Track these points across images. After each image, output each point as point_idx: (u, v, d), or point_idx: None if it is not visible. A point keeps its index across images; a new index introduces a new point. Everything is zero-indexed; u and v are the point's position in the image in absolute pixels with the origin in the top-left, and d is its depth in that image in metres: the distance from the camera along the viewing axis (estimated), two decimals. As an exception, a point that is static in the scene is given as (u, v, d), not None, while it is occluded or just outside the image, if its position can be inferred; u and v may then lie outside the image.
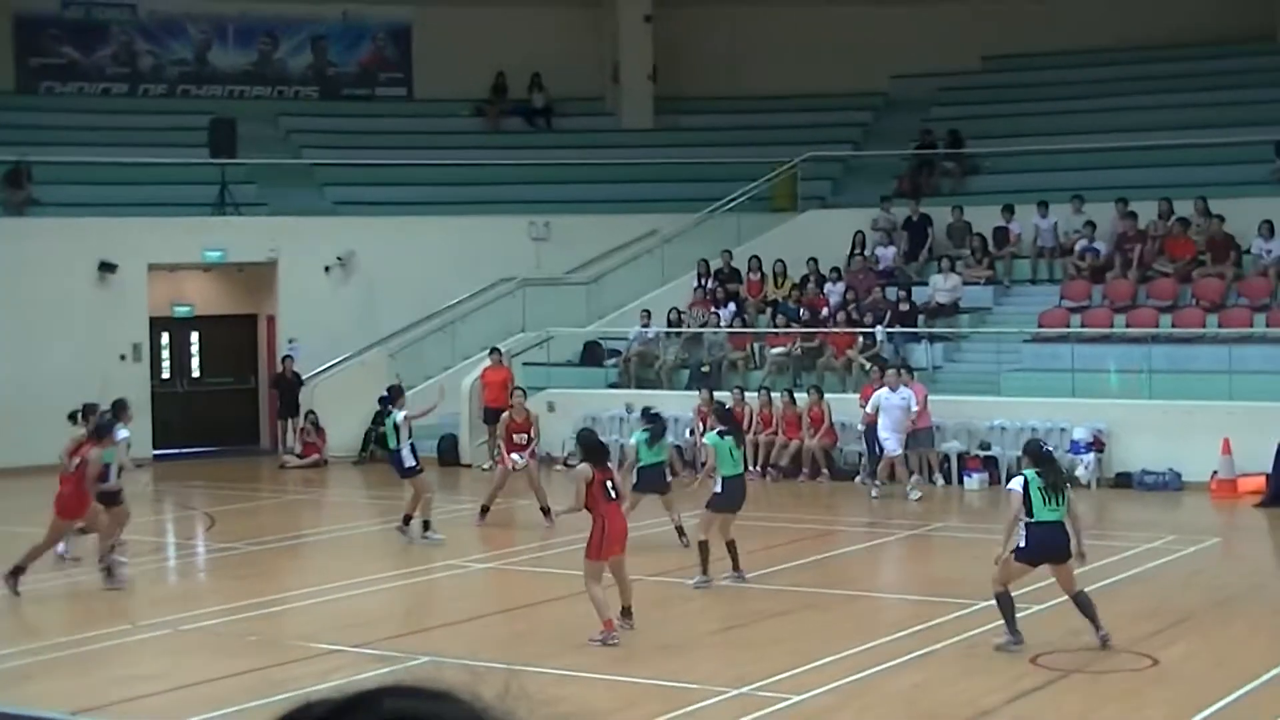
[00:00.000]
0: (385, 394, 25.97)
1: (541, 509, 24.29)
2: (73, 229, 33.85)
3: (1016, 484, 16.33)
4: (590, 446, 17.21)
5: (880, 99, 42.57)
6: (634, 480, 21.83)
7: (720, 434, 20.22)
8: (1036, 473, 16.06)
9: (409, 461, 23.61)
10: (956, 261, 34.44)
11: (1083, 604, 16.07)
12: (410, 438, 23.83)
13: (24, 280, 33.01)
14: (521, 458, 24.97)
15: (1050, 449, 16.16)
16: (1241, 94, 37.12)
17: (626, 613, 16.92)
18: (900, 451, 27.97)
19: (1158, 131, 35.55)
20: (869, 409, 28.30)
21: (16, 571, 19.20)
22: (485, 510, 25.13)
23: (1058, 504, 15.85)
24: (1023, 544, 16.20)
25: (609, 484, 16.79)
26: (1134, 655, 15.73)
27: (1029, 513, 15.98)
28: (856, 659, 15.67)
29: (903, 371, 29.43)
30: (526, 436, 25.24)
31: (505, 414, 25.92)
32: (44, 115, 38.17)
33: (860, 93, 42.05)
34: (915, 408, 28.02)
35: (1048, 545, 15.95)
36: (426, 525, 23.38)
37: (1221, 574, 21.27)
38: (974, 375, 31.43)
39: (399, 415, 23.84)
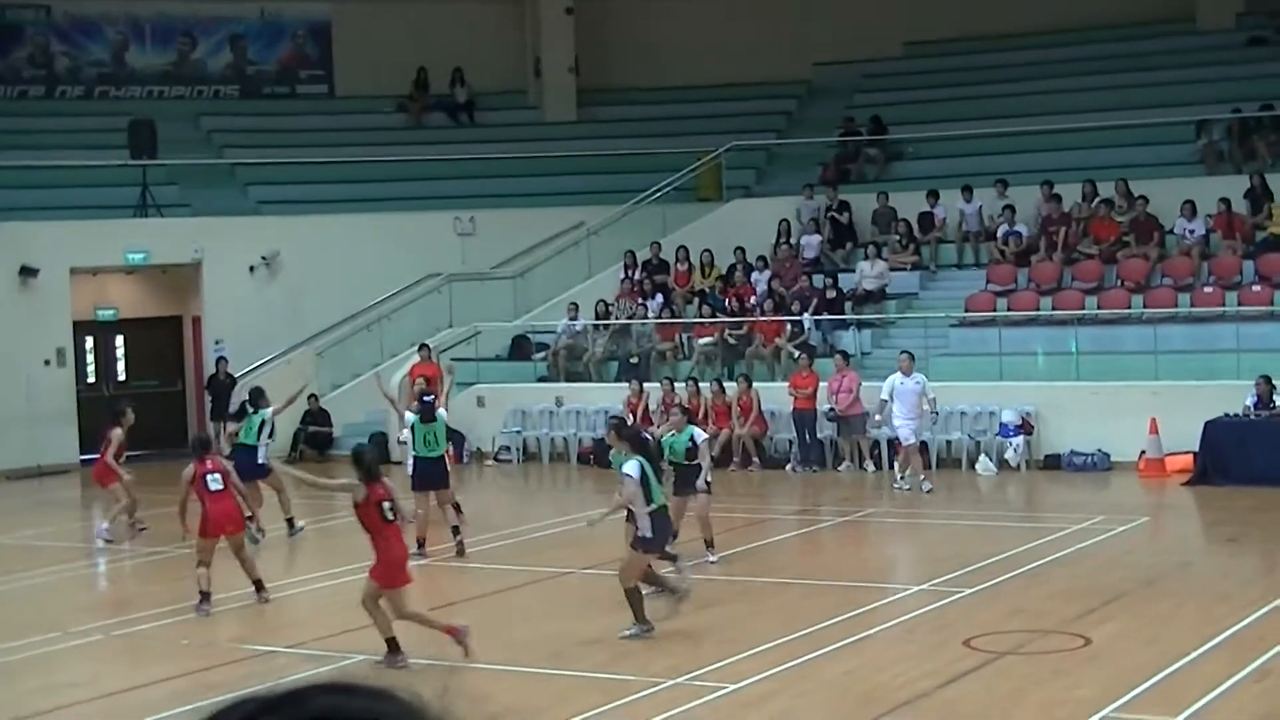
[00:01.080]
0: (248, 396, 25.62)
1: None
2: (-8, 233, 33.55)
3: (633, 469, 15.98)
4: (366, 463, 15.52)
5: (803, 87, 42.66)
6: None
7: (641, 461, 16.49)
8: (645, 460, 15.99)
9: (261, 459, 23.76)
10: (882, 248, 34.51)
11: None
12: (270, 438, 24.41)
13: (-56, 287, 32.69)
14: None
15: (645, 434, 15.04)
16: (1162, 75, 37.38)
17: (393, 646, 15.14)
18: (915, 440, 27.27)
19: (1080, 114, 35.69)
20: (883, 395, 27.44)
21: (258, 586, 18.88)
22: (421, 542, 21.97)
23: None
24: (648, 534, 16.10)
25: (385, 505, 15.27)
26: (1066, 636, 15.80)
27: (648, 500, 15.92)
28: (790, 646, 15.68)
29: (837, 358, 29.46)
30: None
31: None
32: (-40, 119, 37.84)
33: (783, 81, 42.11)
34: (931, 395, 27.52)
35: (667, 529, 16.55)
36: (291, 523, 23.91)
37: (1151, 553, 21.40)
38: (902, 360, 31.50)
39: (267, 412, 24.22)
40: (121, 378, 37.99)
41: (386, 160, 38.60)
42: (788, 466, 30.06)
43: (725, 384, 31.22)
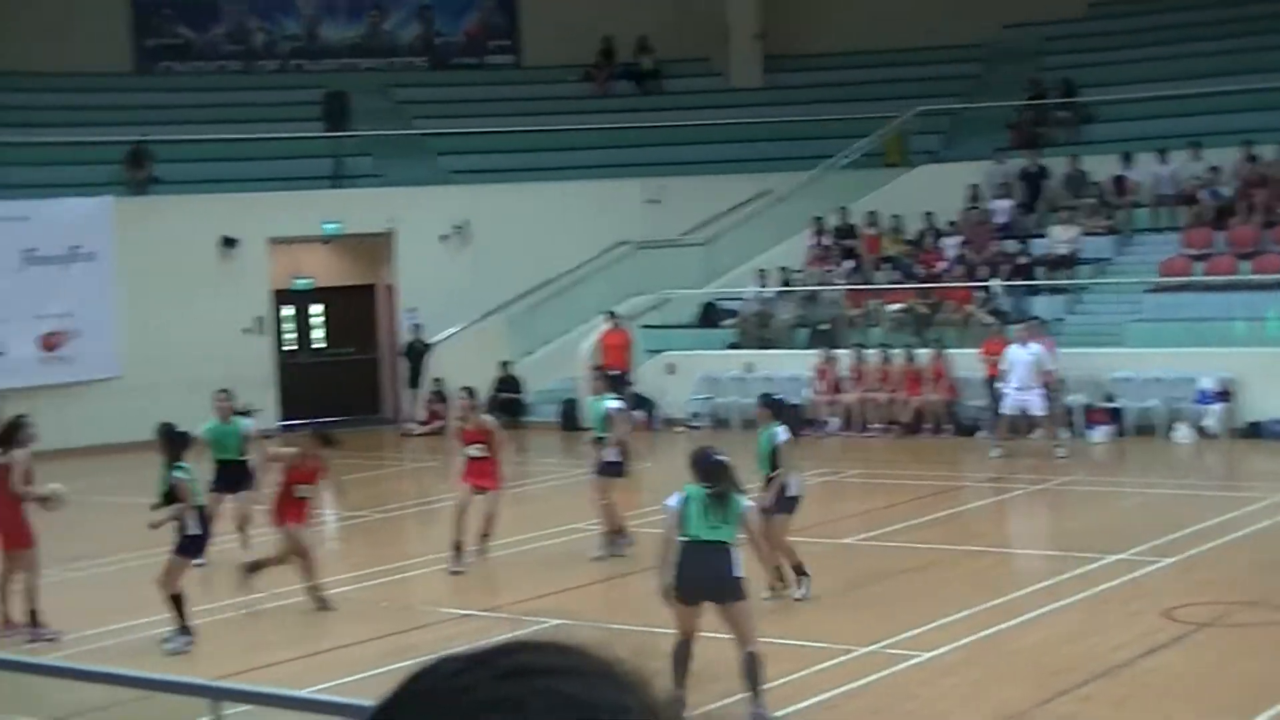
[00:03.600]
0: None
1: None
2: (194, 205, 34.27)
3: (785, 434, 15.73)
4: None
5: (989, 49, 42.15)
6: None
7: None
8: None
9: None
10: (1074, 212, 34.09)
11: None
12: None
13: (148, 257, 33.38)
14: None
15: (721, 458, 12.69)
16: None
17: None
18: (1043, 410, 27.22)
19: (1275, 73, 34.94)
20: (1003, 364, 27.73)
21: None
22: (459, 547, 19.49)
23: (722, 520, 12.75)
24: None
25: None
26: (1270, 608, 15.57)
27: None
28: (984, 615, 15.63)
29: (1031, 324, 29.19)
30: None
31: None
32: (162, 95, 38.63)
33: (969, 44, 41.67)
34: (1050, 366, 27.45)
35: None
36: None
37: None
38: (1096, 327, 31.14)
39: (248, 423, 20.91)
40: (318, 345, 38.69)
41: (574, 129, 38.80)
42: (979, 434, 29.84)
43: (915, 351, 31.08)
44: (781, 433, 16.93)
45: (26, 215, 32.62)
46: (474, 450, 19.39)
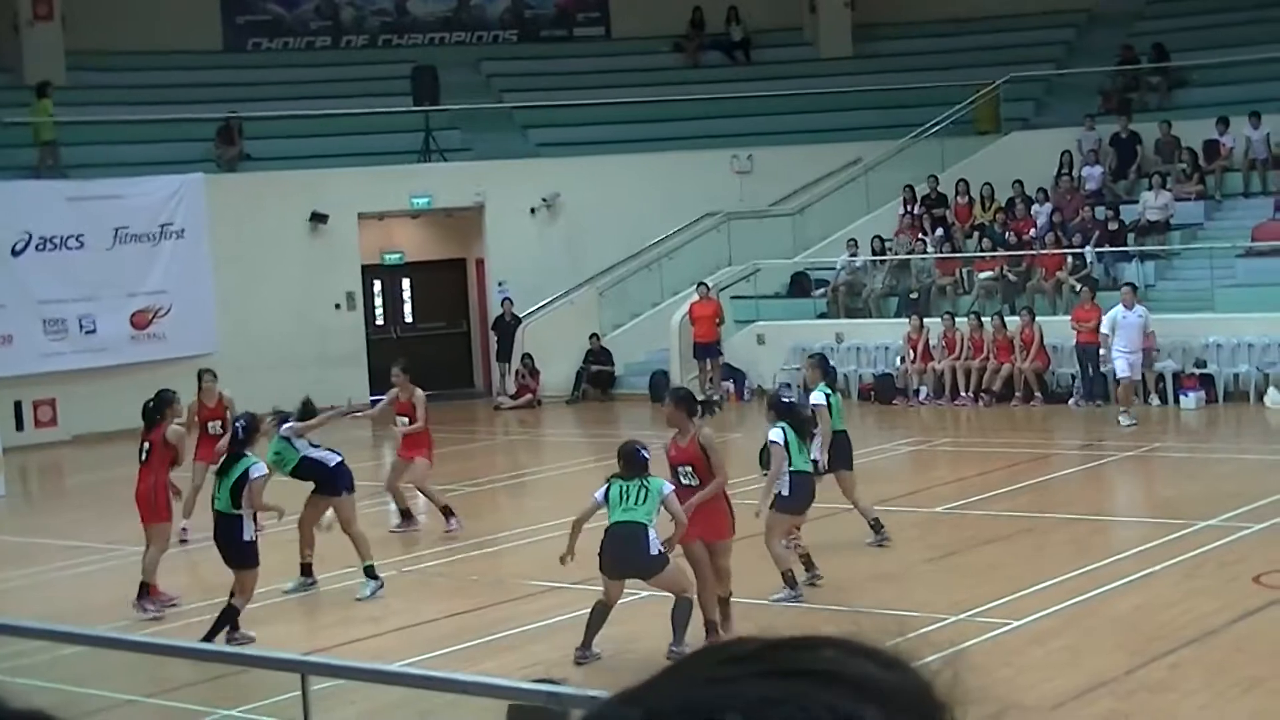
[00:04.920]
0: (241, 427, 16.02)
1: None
2: (283, 181, 34.48)
3: (778, 436, 15.55)
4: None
5: (1082, 15, 41.84)
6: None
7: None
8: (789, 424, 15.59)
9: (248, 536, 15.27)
10: (1166, 178, 33.81)
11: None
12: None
13: (239, 233, 33.65)
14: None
15: (644, 454, 13.63)
16: None
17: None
18: (1130, 374, 27.29)
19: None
20: (1105, 329, 27.75)
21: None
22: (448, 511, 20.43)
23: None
24: (786, 492, 15.65)
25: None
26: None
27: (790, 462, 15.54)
28: (1076, 582, 15.58)
29: (1125, 290, 28.99)
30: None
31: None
32: (252, 72, 38.89)
33: (1062, 10, 41.37)
34: (1151, 329, 27.40)
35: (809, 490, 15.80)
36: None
37: None
38: (1187, 292, 30.90)
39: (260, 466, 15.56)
40: (408, 320, 38.89)
41: (663, 100, 38.78)
42: (1070, 401, 29.67)
43: (1006, 318, 30.94)
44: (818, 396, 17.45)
45: (118, 194, 32.87)
46: (402, 421, 20.36)
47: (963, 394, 30.73)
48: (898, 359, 31.35)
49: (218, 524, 15.28)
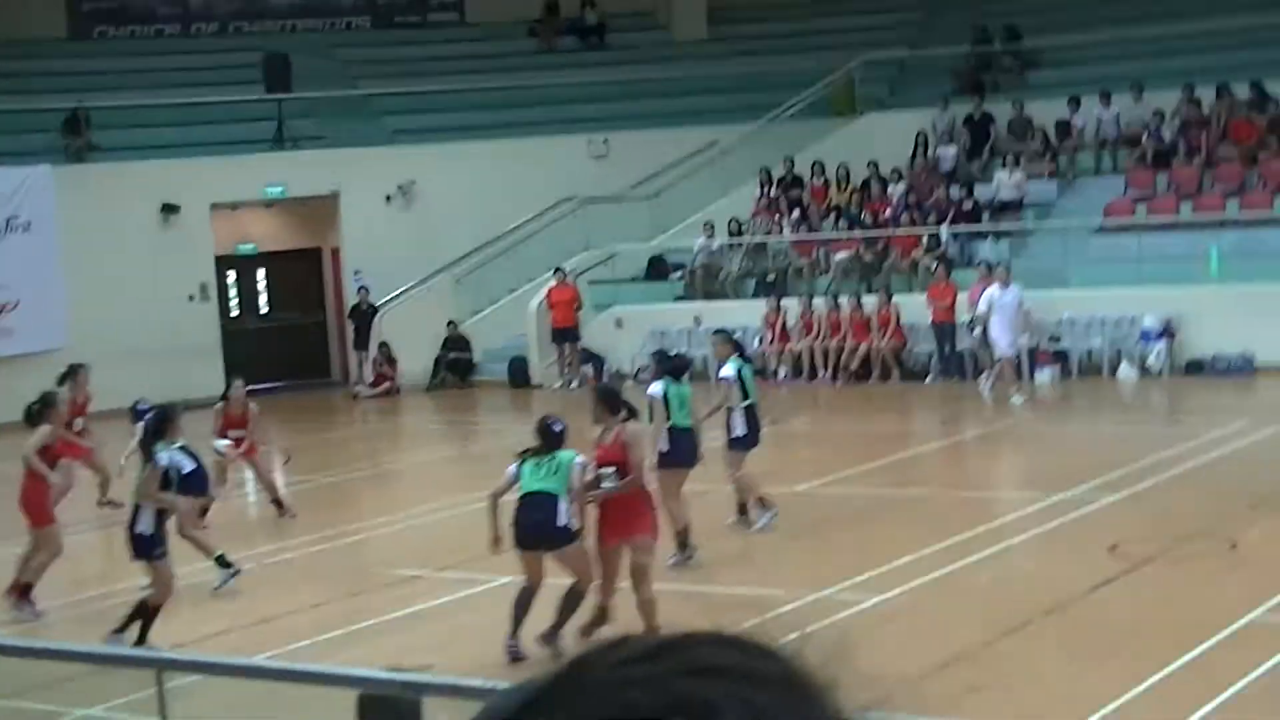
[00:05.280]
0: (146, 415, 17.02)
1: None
2: (133, 172, 33.97)
3: (730, 371, 17.05)
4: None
5: (934, -3, 42.17)
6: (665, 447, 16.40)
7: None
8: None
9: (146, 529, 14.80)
10: (1019, 157, 34.17)
11: None
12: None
13: (88, 225, 33.08)
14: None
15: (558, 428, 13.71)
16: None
17: None
18: (1012, 353, 27.58)
19: (1215, 15, 34.99)
20: (981, 308, 27.96)
21: None
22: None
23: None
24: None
25: None
26: (1212, 540, 15.68)
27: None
28: (935, 557, 15.70)
29: (981, 268, 29.28)
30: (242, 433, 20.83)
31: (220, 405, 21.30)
32: (98, 60, 38.21)
33: (913, -9, 41.68)
34: (1027, 306, 27.71)
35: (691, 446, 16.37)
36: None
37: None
38: (1041, 270, 31.21)
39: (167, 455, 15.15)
40: (264, 310, 38.49)
41: (519, 86, 38.63)
42: (927, 379, 29.94)
43: (863, 298, 31.15)
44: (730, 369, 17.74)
45: (-37, 186, 32.27)
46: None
47: (821, 374, 30.91)
48: (756, 340, 31.43)
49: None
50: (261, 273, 38.62)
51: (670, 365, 16.90)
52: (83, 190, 33.30)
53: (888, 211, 33.92)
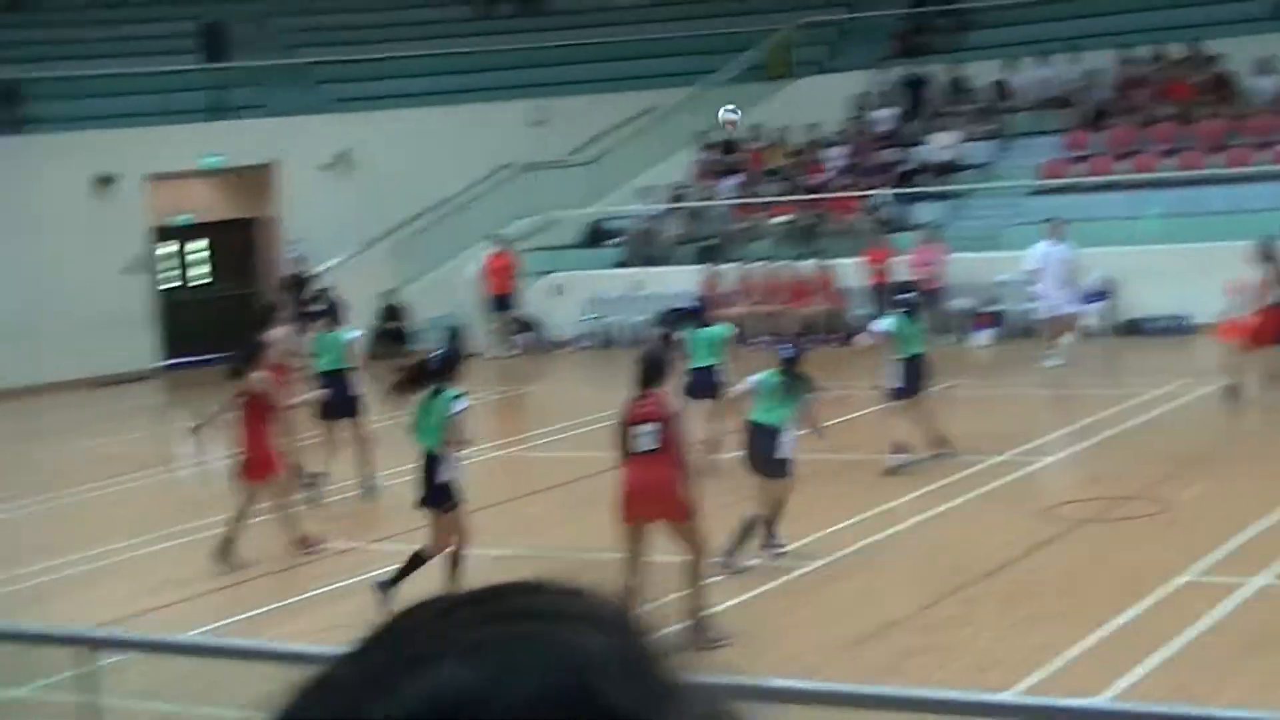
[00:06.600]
0: None
1: None
2: (68, 143, 33.67)
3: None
4: None
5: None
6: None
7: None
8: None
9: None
10: (956, 119, 34.22)
11: None
12: None
13: (22, 198, 32.85)
14: None
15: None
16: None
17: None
18: (1069, 310, 26.53)
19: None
20: (1029, 264, 27.00)
21: None
22: None
23: None
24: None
25: None
26: (1147, 501, 15.78)
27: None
28: (871, 522, 15.76)
29: (924, 230, 29.22)
30: None
31: None
32: (32, 30, 37.83)
33: (850, -47, 41.60)
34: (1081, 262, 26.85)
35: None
36: None
37: (1234, 416, 21.23)
38: (979, 231, 31.31)
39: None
40: (201, 282, 38.23)
41: (456, 53, 38.48)
42: (862, 338, 29.92)
43: (801, 262, 31.17)
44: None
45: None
46: None
47: (758, 338, 30.89)
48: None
49: None
50: (199, 244, 38.34)
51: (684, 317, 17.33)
52: (17, 162, 33.02)
53: (825, 175, 33.94)
